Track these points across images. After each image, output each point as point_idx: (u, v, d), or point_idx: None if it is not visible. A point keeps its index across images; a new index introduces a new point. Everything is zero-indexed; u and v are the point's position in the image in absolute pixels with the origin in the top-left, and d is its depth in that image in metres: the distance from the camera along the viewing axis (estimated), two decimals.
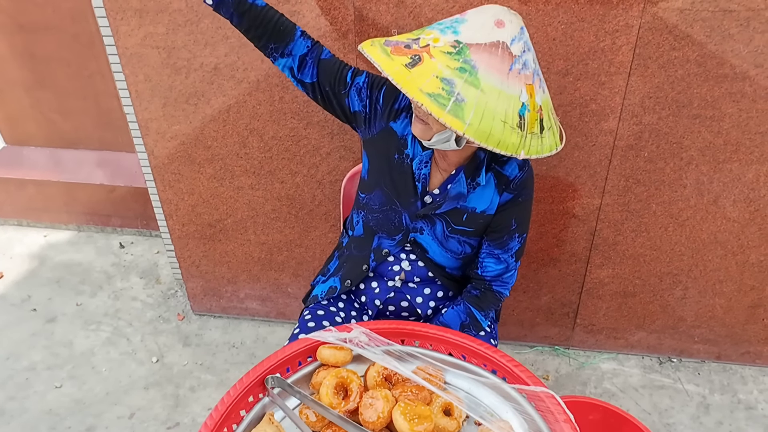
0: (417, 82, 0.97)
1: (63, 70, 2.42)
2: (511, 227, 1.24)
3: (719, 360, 1.90)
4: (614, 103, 1.49)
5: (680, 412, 1.75)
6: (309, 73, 1.22)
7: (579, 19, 1.39)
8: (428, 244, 1.29)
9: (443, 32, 1.02)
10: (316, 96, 1.26)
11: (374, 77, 1.24)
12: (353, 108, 1.24)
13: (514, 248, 1.26)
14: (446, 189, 1.23)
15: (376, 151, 1.27)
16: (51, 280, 2.42)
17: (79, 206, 2.70)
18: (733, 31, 1.35)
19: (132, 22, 1.58)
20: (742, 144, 1.49)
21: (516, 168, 1.21)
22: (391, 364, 1.03)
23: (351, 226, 1.39)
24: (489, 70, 0.97)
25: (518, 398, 1.01)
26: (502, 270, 1.27)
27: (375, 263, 1.33)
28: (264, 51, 1.22)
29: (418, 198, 1.24)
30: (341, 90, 1.22)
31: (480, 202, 1.23)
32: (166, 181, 1.86)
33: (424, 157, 1.22)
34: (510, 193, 1.22)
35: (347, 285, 1.35)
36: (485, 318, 1.28)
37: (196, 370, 1.96)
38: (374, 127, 1.25)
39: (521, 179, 1.21)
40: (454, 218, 1.24)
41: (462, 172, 1.20)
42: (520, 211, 1.24)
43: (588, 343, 1.95)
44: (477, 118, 0.96)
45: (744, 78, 1.40)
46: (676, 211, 1.63)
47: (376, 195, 1.28)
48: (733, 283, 1.73)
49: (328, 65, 1.22)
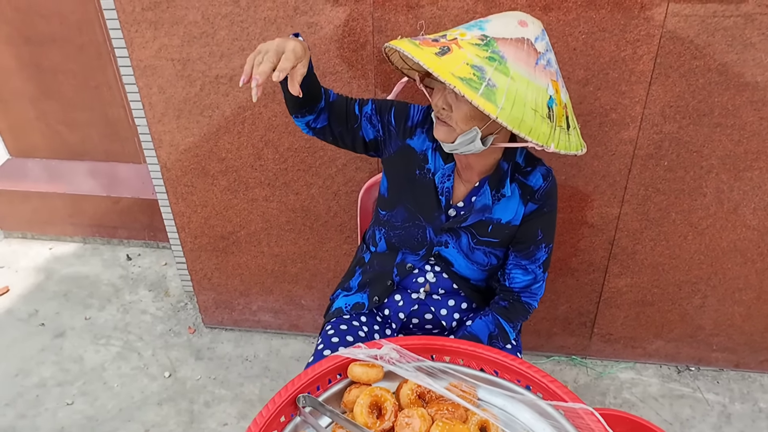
0: (448, 67, 0.97)
1: (69, 81, 2.40)
2: (537, 237, 1.23)
3: (738, 368, 1.89)
4: (634, 113, 1.48)
5: (702, 422, 1.73)
6: (321, 120, 1.22)
7: (600, 29, 1.38)
8: (453, 257, 1.28)
9: (469, 29, 1.05)
10: (326, 138, 1.26)
11: (380, 102, 1.25)
12: (368, 137, 1.25)
13: (541, 258, 1.25)
14: (471, 201, 1.22)
15: (395, 169, 1.26)
16: (58, 293, 2.38)
17: (85, 218, 2.68)
18: (754, 39, 1.34)
19: (146, 34, 1.56)
20: (763, 152, 1.49)
21: (540, 178, 1.21)
22: (424, 381, 1.01)
23: (373, 242, 1.38)
24: (517, 61, 0.99)
25: (555, 415, 0.99)
26: (530, 281, 1.26)
27: (399, 278, 1.31)
28: (296, 112, 1.20)
29: (442, 212, 1.23)
30: (353, 124, 1.23)
31: (505, 213, 1.22)
32: (178, 194, 1.84)
33: (446, 170, 1.22)
34: (535, 204, 1.21)
35: (375, 301, 1.34)
36: (513, 330, 1.27)
37: (210, 384, 1.93)
38: (391, 147, 1.25)
39: (546, 190, 1.21)
40: (479, 230, 1.23)
41: (487, 184, 1.20)
42: (545, 222, 1.23)
43: (605, 352, 1.93)
44: (509, 103, 0.96)
45: (765, 86, 1.40)
46: (696, 220, 1.62)
47: (398, 212, 1.27)
48: (753, 291, 1.72)
49: (337, 107, 1.22)
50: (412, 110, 1.24)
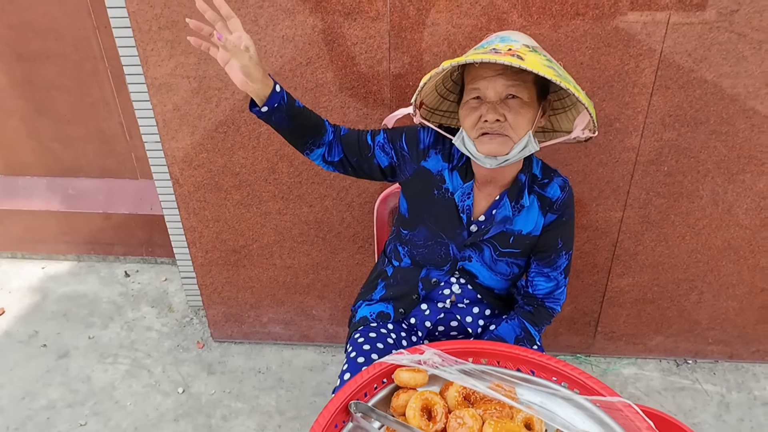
0: (535, 66, 1.01)
1: (64, 98, 2.38)
2: (558, 246, 1.29)
3: (731, 359, 2.00)
4: (637, 122, 1.57)
5: (703, 411, 1.83)
6: (336, 152, 1.27)
7: (605, 44, 1.47)
8: (477, 270, 1.32)
9: (505, 42, 1.13)
10: (347, 170, 1.31)
11: (392, 131, 1.29)
12: (383, 164, 1.29)
13: (562, 265, 1.30)
14: (492, 214, 1.26)
15: (413, 191, 1.30)
16: (57, 313, 2.34)
17: (80, 236, 2.64)
18: (746, 53, 1.45)
19: (163, 52, 1.58)
20: (754, 156, 1.60)
21: (558, 189, 1.26)
22: (468, 382, 1.06)
23: (396, 257, 1.41)
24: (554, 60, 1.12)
25: (593, 409, 1.05)
26: (553, 287, 1.31)
27: (425, 292, 1.36)
28: (302, 147, 1.25)
29: (464, 228, 1.28)
30: (367, 154, 1.28)
31: (526, 224, 1.27)
32: (190, 209, 1.85)
33: (466, 189, 1.26)
34: (554, 214, 1.27)
35: (401, 313, 1.38)
36: (538, 333, 1.32)
37: (225, 398, 1.93)
38: (407, 171, 1.29)
39: (563, 200, 1.26)
40: (501, 242, 1.28)
41: (506, 196, 1.25)
42: (564, 230, 1.28)
43: (608, 349, 2.02)
44: (576, 90, 1.04)
45: (756, 96, 1.51)
46: (693, 221, 1.72)
47: (420, 231, 1.31)
48: (745, 286, 1.83)
49: (349, 139, 1.27)
50: (421, 134, 1.28)
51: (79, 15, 2.18)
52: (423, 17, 1.47)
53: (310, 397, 1.93)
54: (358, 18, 1.48)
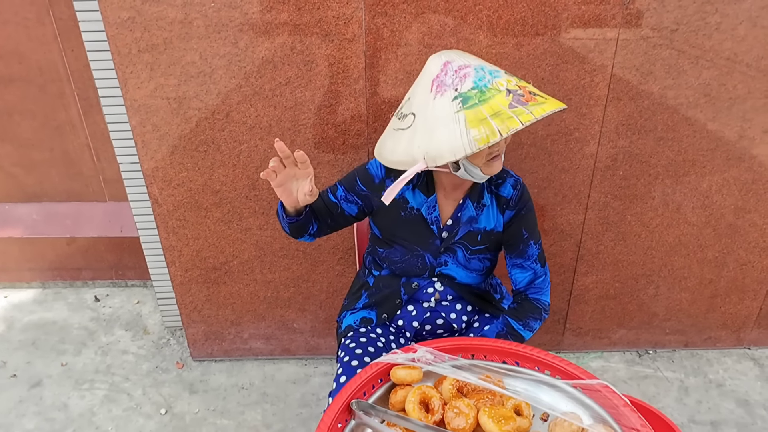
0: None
1: (27, 122, 2.34)
2: (524, 236, 1.37)
3: (687, 347, 2.17)
4: (594, 131, 1.72)
5: (666, 396, 1.98)
6: (314, 226, 1.37)
7: (563, 61, 1.61)
8: (454, 272, 1.41)
9: (496, 76, 1.18)
10: (327, 231, 1.41)
11: (346, 180, 1.39)
12: (354, 213, 1.40)
13: (534, 254, 1.38)
14: (458, 216, 1.37)
15: (382, 219, 1.40)
16: (25, 342, 2.28)
17: (45, 262, 2.57)
18: (686, 67, 1.62)
19: (142, 74, 1.61)
20: (697, 160, 1.77)
21: (510, 188, 1.36)
22: (461, 375, 1.14)
23: (376, 267, 1.49)
24: None
25: (574, 392, 1.15)
26: (531, 276, 1.39)
27: (407, 296, 1.44)
28: (302, 236, 1.37)
29: (436, 237, 1.38)
30: (336, 211, 1.39)
31: (488, 221, 1.38)
32: (170, 228, 1.86)
33: (430, 202, 1.36)
34: (512, 210, 1.37)
35: (384, 318, 1.45)
36: (524, 327, 1.40)
37: (210, 416, 1.93)
38: (374, 206, 1.39)
39: (517, 196, 1.36)
40: (470, 241, 1.38)
41: (468, 199, 1.36)
42: (526, 222, 1.37)
43: (576, 345, 2.15)
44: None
45: (696, 105, 1.68)
46: (647, 220, 1.88)
47: (396, 249, 1.40)
48: (695, 279, 2.00)
49: (316, 209, 1.37)
50: (372, 169, 1.37)
51: (44, 39, 2.17)
52: (396, 38, 1.56)
53: (295, 409, 1.96)
54: (335, 39, 1.56)
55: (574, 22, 1.55)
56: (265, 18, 1.53)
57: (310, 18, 1.53)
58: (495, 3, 1.52)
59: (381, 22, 1.54)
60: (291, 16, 1.53)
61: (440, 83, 1.17)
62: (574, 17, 1.55)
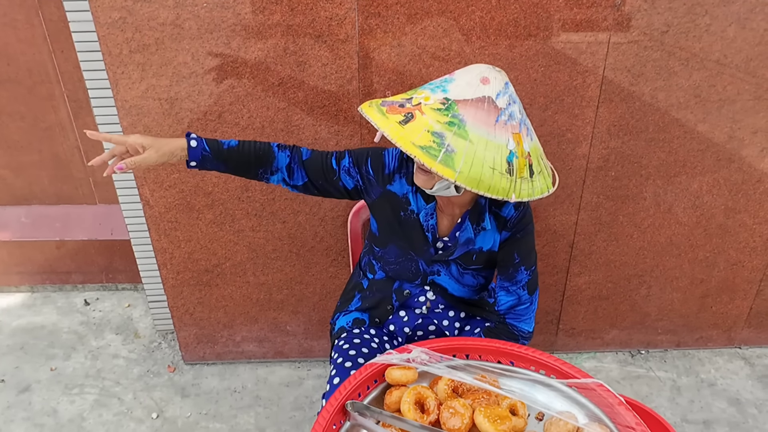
0: (410, 137, 1.06)
1: (16, 124, 2.32)
2: (515, 261, 1.32)
3: (679, 347, 2.18)
4: (586, 132, 1.73)
5: (658, 396, 1.98)
6: (299, 176, 1.33)
7: (555, 62, 1.61)
8: (446, 283, 1.40)
9: (433, 91, 1.11)
10: (312, 191, 1.36)
11: (356, 154, 1.34)
12: (349, 187, 1.35)
13: (522, 280, 1.33)
14: (456, 236, 1.33)
15: (381, 213, 1.37)
16: (13, 347, 2.25)
17: (33, 266, 2.54)
18: (677, 69, 1.64)
19: (133, 75, 1.59)
20: (688, 161, 1.79)
21: (512, 209, 1.31)
22: (456, 375, 1.14)
23: (370, 270, 1.48)
24: (476, 122, 1.06)
25: (570, 392, 1.15)
26: (514, 302, 1.34)
27: (398, 303, 1.44)
28: (256, 178, 1.33)
29: (430, 245, 1.36)
30: (333, 177, 1.34)
31: (486, 242, 1.34)
32: (161, 230, 1.85)
33: (429, 209, 1.32)
34: (508, 232, 1.32)
35: (376, 322, 1.45)
36: None
37: (203, 419, 1.91)
38: (373, 194, 1.36)
39: (516, 218, 1.31)
40: (465, 260, 1.36)
41: (467, 219, 1.32)
42: (520, 246, 1.32)
43: (569, 345, 2.15)
44: (467, 166, 1.04)
45: (686, 106, 1.70)
46: (639, 220, 1.89)
47: (391, 249, 1.39)
48: (686, 278, 2.01)
49: (313, 163, 1.33)
50: (386, 158, 1.33)
51: (33, 40, 2.15)
52: (390, 39, 1.56)
53: (289, 412, 1.95)
54: (328, 40, 1.56)
55: (566, 23, 1.56)
56: (257, 19, 1.52)
57: (303, 19, 1.53)
58: (488, 4, 1.52)
59: (374, 23, 1.54)
60: (284, 17, 1.53)
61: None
62: (566, 19, 1.56)
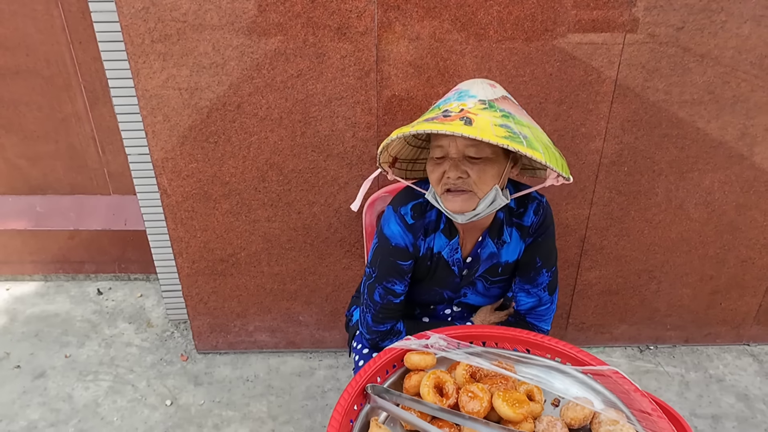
0: (487, 133, 0.99)
1: (33, 114, 2.35)
2: (537, 264, 1.30)
3: (687, 343, 2.20)
4: (600, 127, 1.74)
5: (667, 391, 2.00)
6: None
7: (571, 57, 1.63)
8: (474, 300, 1.39)
9: (461, 99, 1.10)
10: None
11: (392, 275, 1.29)
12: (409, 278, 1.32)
13: (543, 282, 1.32)
14: (478, 253, 1.30)
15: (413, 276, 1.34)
16: (28, 334, 2.27)
17: (48, 255, 2.57)
18: (691, 65, 1.65)
19: (155, 65, 1.62)
20: (701, 157, 1.80)
21: (532, 215, 1.28)
22: (474, 361, 1.16)
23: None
24: (517, 113, 1.09)
25: (585, 378, 1.17)
26: (535, 303, 1.34)
27: (425, 317, 1.43)
28: None
29: (456, 276, 1.33)
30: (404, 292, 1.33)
31: (510, 254, 1.31)
32: (178, 219, 1.87)
33: (453, 245, 1.28)
34: (531, 238, 1.30)
35: None
36: None
37: (216, 407, 1.94)
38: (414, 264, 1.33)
39: (538, 223, 1.28)
40: (491, 273, 1.33)
41: (488, 236, 1.28)
42: (541, 250, 1.30)
43: (579, 340, 2.17)
44: (542, 148, 1.02)
45: (700, 102, 1.71)
46: (650, 216, 1.91)
47: (416, 289, 1.36)
48: (696, 275, 2.03)
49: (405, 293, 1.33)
50: (397, 240, 1.25)
51: (52, 31, 2.18)
52: (408, 32, 1.58)
53: (301, 401, 1.97)
54: (347, 32, 1.58)
55: (582, 20, 1.58)
56: (278, 10, 1.55)
57: (323, 11, 1.55)
58: None
59: (393, 15, 1.56)
60: (304, 9, 1.55)
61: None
62: (582, 15, 1.58)
